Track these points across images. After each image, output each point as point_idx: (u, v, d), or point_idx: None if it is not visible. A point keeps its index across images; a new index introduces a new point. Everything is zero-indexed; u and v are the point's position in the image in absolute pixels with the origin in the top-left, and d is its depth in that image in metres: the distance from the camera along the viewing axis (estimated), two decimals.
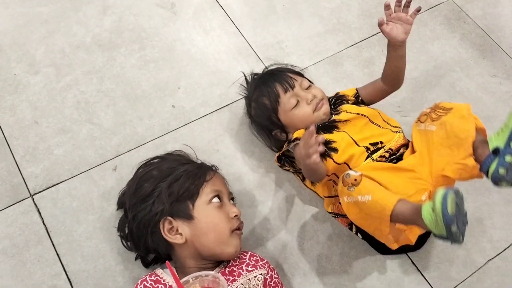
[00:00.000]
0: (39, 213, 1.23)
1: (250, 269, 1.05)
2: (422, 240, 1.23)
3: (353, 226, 1.23)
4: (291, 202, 1.30)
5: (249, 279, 1.02)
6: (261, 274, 1.04)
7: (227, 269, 1.05)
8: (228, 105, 1.44)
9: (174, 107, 1.42)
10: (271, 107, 1.25)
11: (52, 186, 1.27)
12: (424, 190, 1.09)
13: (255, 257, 1.09)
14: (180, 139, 1.37)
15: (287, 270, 1.21)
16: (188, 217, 1.04)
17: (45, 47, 1.48)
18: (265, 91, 1.27)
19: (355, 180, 1.01)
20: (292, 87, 1.24)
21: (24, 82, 1.42)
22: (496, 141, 1.04)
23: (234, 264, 1.06)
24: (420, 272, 1.23)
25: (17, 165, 1.29)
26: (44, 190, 1.26)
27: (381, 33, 1.19)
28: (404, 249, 1.22)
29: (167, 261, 0.92)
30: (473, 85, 1.55)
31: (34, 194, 1.26)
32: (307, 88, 1.26)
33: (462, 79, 1.56)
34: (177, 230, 1.04)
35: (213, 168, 1.18)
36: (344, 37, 1.61)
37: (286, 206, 1.30)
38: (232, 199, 1.15)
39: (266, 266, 1.08)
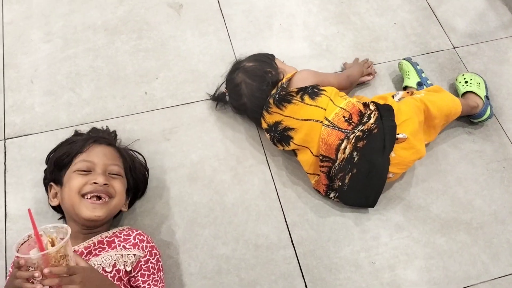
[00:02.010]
0: (5, 154, 1.45)
1: (127, 246, 1.14)
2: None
3: (332, 192, 1.37)
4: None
5: (121, 255, 1.13)
6: (134, 254, 1.13)
7: (107, 238, 1.16)
8: (193, 102, 1.57)
9: (146, 94, 1.58)
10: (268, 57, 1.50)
11: (23, 135, 1.49)
12: None
13: (141, 237, 1.17)
14: (140, 122, 1.52)
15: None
16: (60, 183, 1.21)
17: (63, 22, 1.73)
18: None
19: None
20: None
21: (36, 47, 1.67)
22: (413, 80, 1.55)
23: (118, 236, 1.17)
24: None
25: (4, 112, 1.53)
26: (16, 137, 1.49)
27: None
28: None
29: (28, 208, 0.99)
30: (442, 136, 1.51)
31: (7, 138, 1.48)
32: None
33: None
34: (56, 194, 1.21)
35: (97, 139, 1.28)
36: (326, 63, 1.65)
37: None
38: (116, 173, 1.23)
39: (146, 250, 1.16)
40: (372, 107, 1.35)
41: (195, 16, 1.76)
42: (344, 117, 1.32)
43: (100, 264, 1.11)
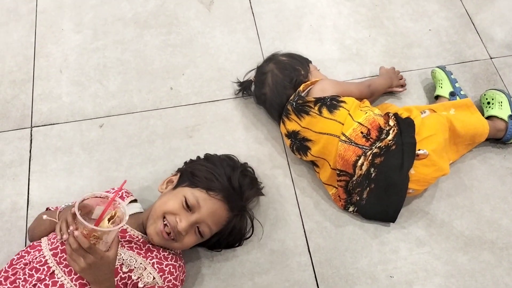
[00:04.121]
0: (31, 142, 1.48)
1: (155, 266, 1.13)
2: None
3: (350, 207, 1.34)
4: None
5: (144, 267, 1.12)
6: (154, 278, 1.12)
7: (150, 245, 1.16)
8: (218, 100, 1.56)
9: (172, 89, 1.58)
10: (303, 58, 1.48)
11: (49, 124, 1.51)
12: None
13: (173, 270, 1.14)
14: (164, 117, 1.52)
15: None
16: (175, 187, 1.22)
17: (94, 13, 1.74)
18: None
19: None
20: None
21: (66, 37, 1.68)
22: (445, 90, 1.49)
23: (159, 252, 1.16)
24: None
25: (32, 100, 1.56)
26: (42, 126, 1.51)
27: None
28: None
29: (125, 180, 1.05)
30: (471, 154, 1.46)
31: (34, 126, 1.51)
32: None
33: None
34: (169, 185, 1.24)
35: (229, 200, 1.19)
36: (355, 68, 1.62)
37: None
38: (201, 233, 1.18)
39: (168, 283, 1.13)
40: (391, 122, 1.31)
41: (225, 13, 1.74)
42: (362, 132, 1.29)
43: (123, 259, 1.11)
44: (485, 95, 1.49)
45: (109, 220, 0.95)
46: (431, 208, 1.37)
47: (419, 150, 1.27)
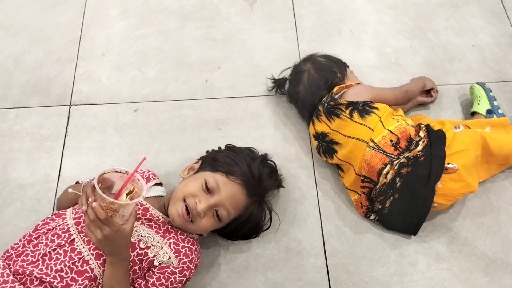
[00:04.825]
0: (68, 119, 1.54)
1: (172, 247, 1.16)
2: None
3: (372, 215, 1.33)
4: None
5: (161, 247, 1.15)
6: (169, 257, 1.15)
7: (169, 226, 1.19)
8: (250, 96, 1.57)
9: (207, 82, 1.61)
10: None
11: (87, 104, 1.57)
12: None
13: (189, 253, 1.17)
14: (197, 108, 1.55)
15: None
16: (196, 172, 1.26)
17: (141, 2, 1.79)
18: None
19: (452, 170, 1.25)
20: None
21: (112, 23, 1.75)
22: (483, 107, 1.45)
23: (177, 233, 1.19)
24: None
25: (74, 80, 1.62)
26: (80, 105, 1.57)
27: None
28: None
29: (144, 157, 1.07)
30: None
31: (72, 105, 1.57)
32: None
33: None
34: (190, 171, 1.28)
35: (248, 185, 1.22)
36: (392, 76, 1.60)
37: None
38: (219, 216, 1.19)
39: (183, 265, 1.15)
40: (422, 133, 1.29)
41: (267, 12, 1.76)
42: (391, 141, 1.27)
43: (142, 236, 1.15)
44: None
45: (127, 194, 0.99)
46: (455, 225, 1.34)
47: (448, 163, 1.25)
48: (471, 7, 1.76)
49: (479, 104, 1.47)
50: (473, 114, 1.48)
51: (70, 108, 1.56)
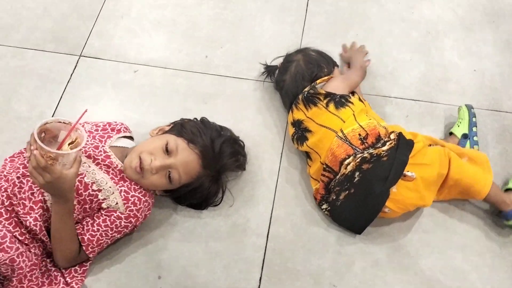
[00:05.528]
0: (74, 68, 1.68)
1: (122, 194, 1.24)
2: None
3: (324, 204, 1.36)
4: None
5: (112, 192, 1.24)
6: (117, 203, 1.24)
7: (124, 175, 1.28)
8: (242, 79, 1.65)
9: (206, 57, 1.70)
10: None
11: (95, 58, 1.70)
12: None
13: (138, 202, 1.26)
14: (191, 80, 1.65)
15: None
16: (164, 133, 1.36)
17: None
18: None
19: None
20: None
21: None
22: (461, 130, 1.45)
23: (132, 183, 1.27)
24: None
25: (90, 34, 1.76)
26: (89, 57, 1.71)
27: None
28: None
29: (86, 109, 1.12)
30: None
31: (82, 56, 1.71)
32: None
33: None
34: (160, 132, 1.38)
35: (205, 156, 1.29)
36: (383, 85, 1.61)
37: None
38: (170, 179, 1.26)
39: (129, 212, 1.25)
40: (393, 136, 1.31)
41: (281, 3, 1.82)
42: (360, 135, 1.30)
43: (96, 179, 1.24)
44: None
45: (69, 144, 1.06)
46: (401, 237, 1.35)
47: (408, 171, 1.26)
48: (485, 33, 1.73)
49: (458, 126, 1.46)
50: (451, 134, 1.47)
51: (79, 58, 1.70)
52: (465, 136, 1.43)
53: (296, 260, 1.33)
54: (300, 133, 1.41)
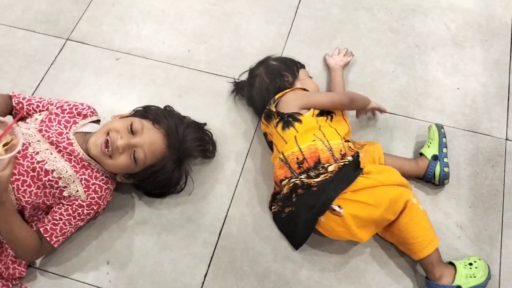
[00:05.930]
0: (60, 51, 1.71)
1: (83, 182, 1.26)
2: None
3: (274, 206, 1.35)
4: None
5: (73, 180, 1.25)
6: (78, 191, 1.26)
7: (86, 164, 1.29)
8: (220, 76, 1.65)
9: (189, 52, 1.70)
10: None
11: (81, 42, 1.73)
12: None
13: (99, 190, 1.27)
14: (169, 71, 1.66)
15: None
16: (137, 115, 1.38)
17: None
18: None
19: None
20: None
21: None
22: (431, 151, 1.39)
23: (94, 171, 1.29)
24: None
25: (80, 19, 1.79)
26: (75, 41, 1.74)
27: None
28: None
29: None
30: None
31: (69, 39, 1.74)
32: None
33: None
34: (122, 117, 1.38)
35: (169, 135, 1.31)
36: None
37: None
38: (135, 158, 1.27)
39: (91, 199, 1.27)
40: (332, 168, 1.24)
41: (271, 4, 1.81)
42: (297, 158, 1.27)
43: (57, 167, 1.24)
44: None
45: (4, 145, 1.02)
46: (353, 249, 1.33)
47: (338, 206, 1.21)
48: (475, 51, 1.68)
49: (428, 147, 1.42)
50: (421, 154, 1.43)
51: (66, 42, 1.74)
52: (435, 158, 1.38)
53: (244, 260, 1.32)
54: (268, 144, 1.44)
